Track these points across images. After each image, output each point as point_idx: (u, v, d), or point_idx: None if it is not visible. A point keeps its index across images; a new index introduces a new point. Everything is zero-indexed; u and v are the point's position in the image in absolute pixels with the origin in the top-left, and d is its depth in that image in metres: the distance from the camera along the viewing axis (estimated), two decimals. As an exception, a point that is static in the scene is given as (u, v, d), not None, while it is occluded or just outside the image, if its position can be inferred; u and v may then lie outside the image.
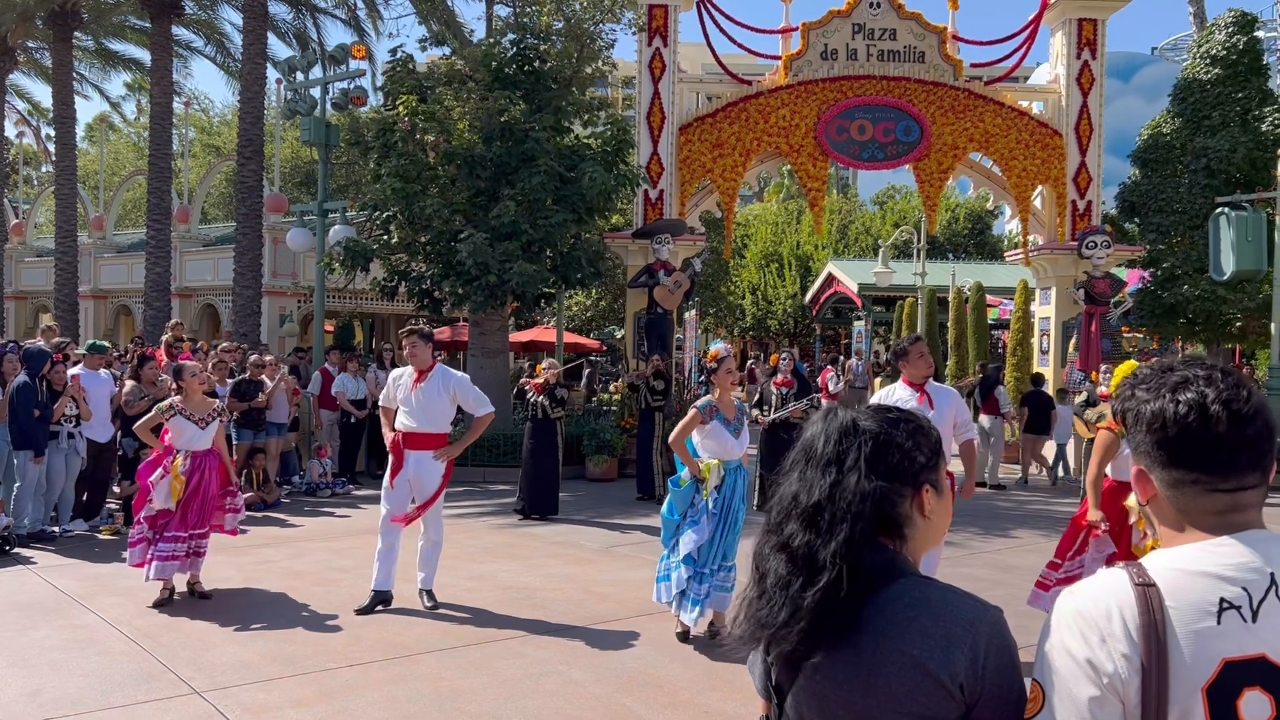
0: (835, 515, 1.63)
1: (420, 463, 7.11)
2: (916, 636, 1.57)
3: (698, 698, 5.35)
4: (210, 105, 41.14)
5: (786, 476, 1.73)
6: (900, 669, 1.56)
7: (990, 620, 1.59)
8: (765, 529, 1.72)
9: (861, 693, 1.59)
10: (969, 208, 37.17)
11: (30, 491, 9.35)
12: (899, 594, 1.61)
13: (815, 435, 1.73)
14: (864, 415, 1.73)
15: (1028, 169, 16.36)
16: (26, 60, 26.32)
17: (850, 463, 1.66)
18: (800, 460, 1.72)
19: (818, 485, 1.66)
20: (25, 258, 27.46)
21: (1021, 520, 11.15)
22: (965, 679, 1.55)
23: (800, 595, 1.60)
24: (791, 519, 1.66)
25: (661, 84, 15.96)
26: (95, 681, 5.42)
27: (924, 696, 1.56)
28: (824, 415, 1.77)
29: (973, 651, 1.56)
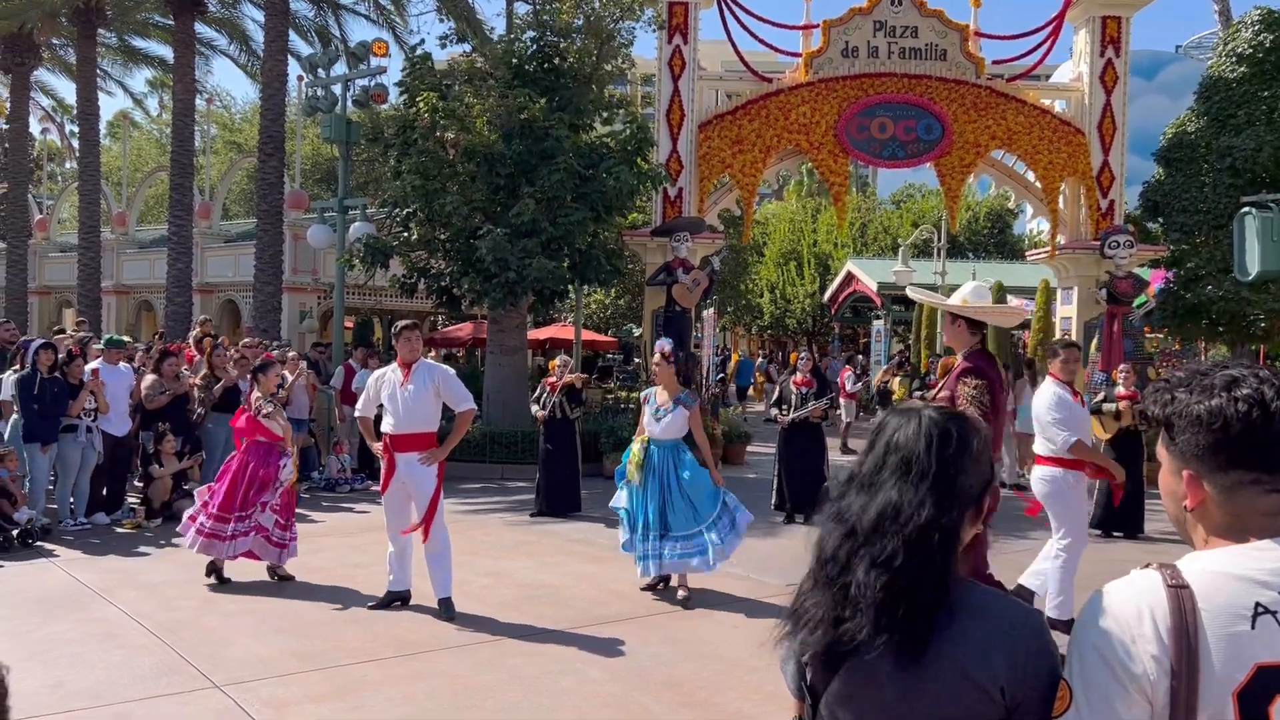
0: (945, 531, 1.58)
1: (411, 465, 6.82)
2: (959, 640, 1.55)
3: (715, 697, 5.34)
4: (232, 102, 41.47)
5: (872, 480, 1.66)
6: (940, 673, 1.55)
7: (1032, 625, 1.58)
8: (842, 535, 1.64)
9: (900, 696, 1.58)
10: (989, 207, 36.94)
11: (42, 483, 9.44)
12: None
13: (910, 438, 1.66)
14: (949, 420, 1.67)
15: (1052, 164, 16.24)
16: (51, 57, 26.55)
17: (951, 472, 1.61)
18: (894, 466, 1.65)
19: (926, 498, 1.60)
20: (49, 253, 27.70)
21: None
22: (1006, 683, 1.53)
23: (897, 612, 1.55)
24: (890, 534, 1.59)
25: (681, 81, 15.92)
26: (116, 674, 5.45)
27: (964, 701, 1.55)
28: (905, 416, 1.70)
29: (1013, 656, 1.54)
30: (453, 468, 13.70)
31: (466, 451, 13.97)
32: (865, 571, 1.58)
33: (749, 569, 8.26)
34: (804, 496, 10.68)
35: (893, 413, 1.74)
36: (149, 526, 9.83)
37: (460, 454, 13.92)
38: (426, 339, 24.92)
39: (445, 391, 6.85)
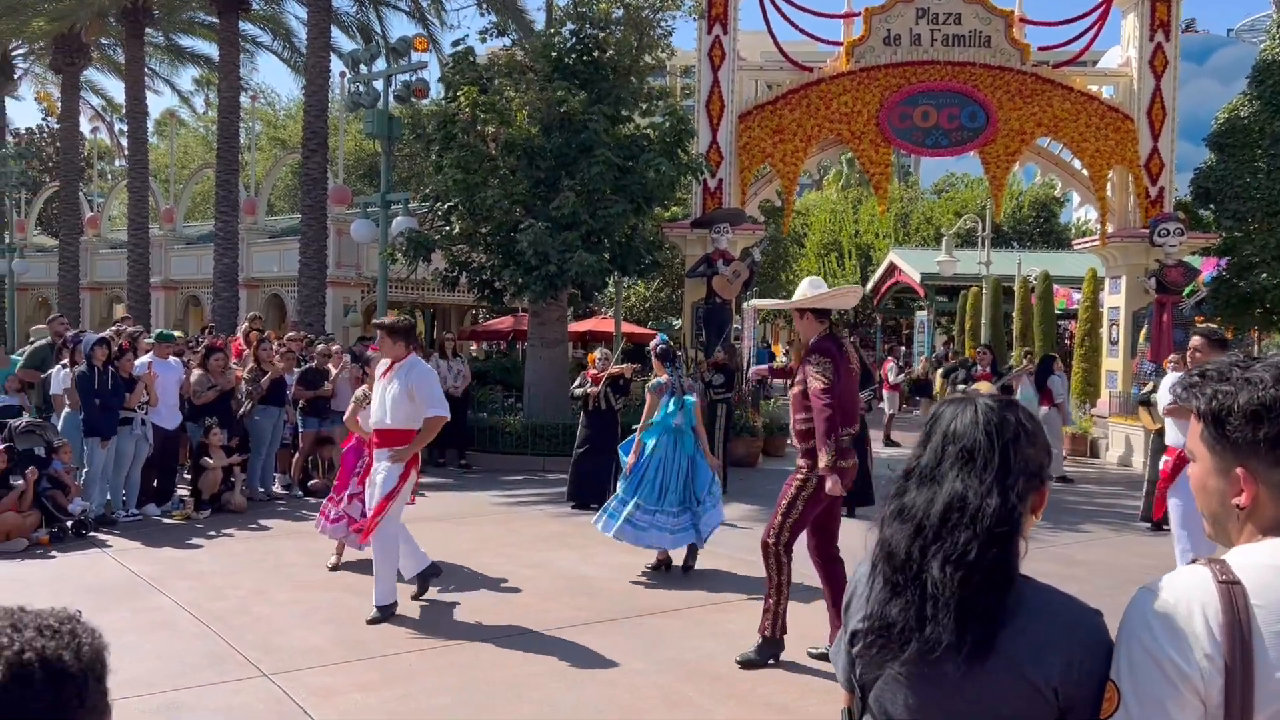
0: (1014, 523, 1.55)
1: (381, 462, 6.62)
2: (1011, 637, 1.52)
3: (757, 689, 5.32)
4: (276, 99, 41.93)
5: (934, 474, 1.62)
6: (997, 670, 1.52)
7: (1089, 624, 1.54)
8: (913, 532, 1.60)
9: (951, 692, 1.55)
10: (1034, 195, 36.43)
11: (98, 476, 9.63)
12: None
13: (969, 427, 1.62)
14: (1007, 409, 1.64)
15: (1100, 151, 15.97)
16: (100, 57, 27.03)
17: (1014, 464, 1.58)
18: (955, 456, 1.61)
19: (992, 489, 1.56)
20: (100, 250, 28.22)
21: (1090, 514, 10.92)
22: (1060, 683, 1.50)
23: (976, 608, 1.51)
24: (961, 527, 1.56)
25: (721, 72, 15.85)
26: (167, 663, 5.55)
27: (1017, 699, 1.52)
28: (960, 405, 1.66)
29: (1069, 655, 1.51)
30: (494, 460, 13.88)
31: (508, 444, 14.07)
32: (940, 569, 1.54)
33: (794, 561, 8.21)
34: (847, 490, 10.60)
35: (947, 402, 1.70)
36: (198, 518, 9.99)
37: (502, 446, 14.08)
38: (467, 332, 25.16)
39: (417, 393, 6.56)
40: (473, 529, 9.67)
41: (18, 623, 1.18)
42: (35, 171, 34.37)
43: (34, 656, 1.13)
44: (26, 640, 1.15)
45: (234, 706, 4.98)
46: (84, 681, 1.17)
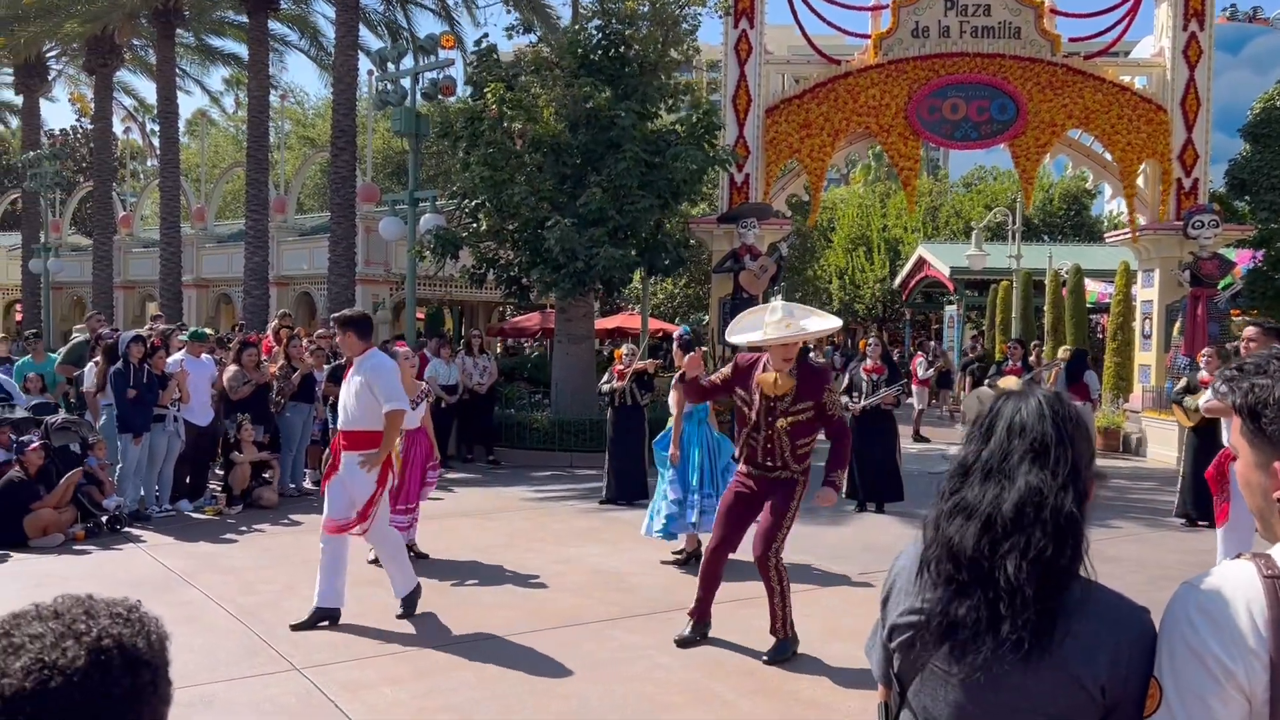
0: (1076, 517, 1.53)
1: (348, 466, 6.21)
2: (1062, 635, 1.50)
3: (786, 684, 5.31)
4: (305, 98, 42.26)
5: (1001, 468, 1.57)
6: (1041, 667, 1.50)
7: (1138, 622, 1.52)
8: (982, 527, 1.54)
9: (997, 689, 1.53)
10: (1064, 188, 36.06)
11: (131, 472, 9.75)
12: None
13: (1035, 422, 1.58)
14: (1063, 401, 1.61)
15: (1132, 143, 15.77)
16: (132, 58, 27.34)
17: (1078, 453, 1.56)
18: (1022, 449, 1.57)
19: (1068, 485, 1.54)
20: (133, 249, 28.54)
21: (1123, 510, 10.80)
22: (1107, 681, 1.47)
23: (1051, 605, 1.49)
24: (1035, 525, 1.52)
25: (748, 66, 15.79)
26: (200, 656, 5.61)
27: (1063, 696, 1.49)
28: (1020, 399, 1.63)
29: (1115, 653, 1.48)
30: (523, 455, 13.92)
31: (536, 440, 14.11)
32: (1015, 566, 1.50)
33: (819, 557, 8.20)
34: (876, 485, 10.56)
35: (1004, 396, 1.66)
36: (230, 513, 10.09)
37: (529, 442, 14.12)
38: (495, 329, 25.24)
39: (377, 389, 6.12)
40: (502, 524, 9.71)
41: (91, 610, 1.19)
42: (69, 172, 34.83)
43: (111, 643, 1.15)
44: (103, 627, 1.16)
45: (265, 700, 5.02)
46: (157, 669, 1.19)
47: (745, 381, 5.63)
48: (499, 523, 9.81)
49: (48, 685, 1.09)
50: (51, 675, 1.10)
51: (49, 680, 1.10)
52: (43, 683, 1.09)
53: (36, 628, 1.15)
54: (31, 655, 1.11)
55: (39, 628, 1.15)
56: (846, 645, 5.87)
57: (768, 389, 5.51)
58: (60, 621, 1.16)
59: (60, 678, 1.10)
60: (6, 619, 1.18)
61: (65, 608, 1.19)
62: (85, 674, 1.11)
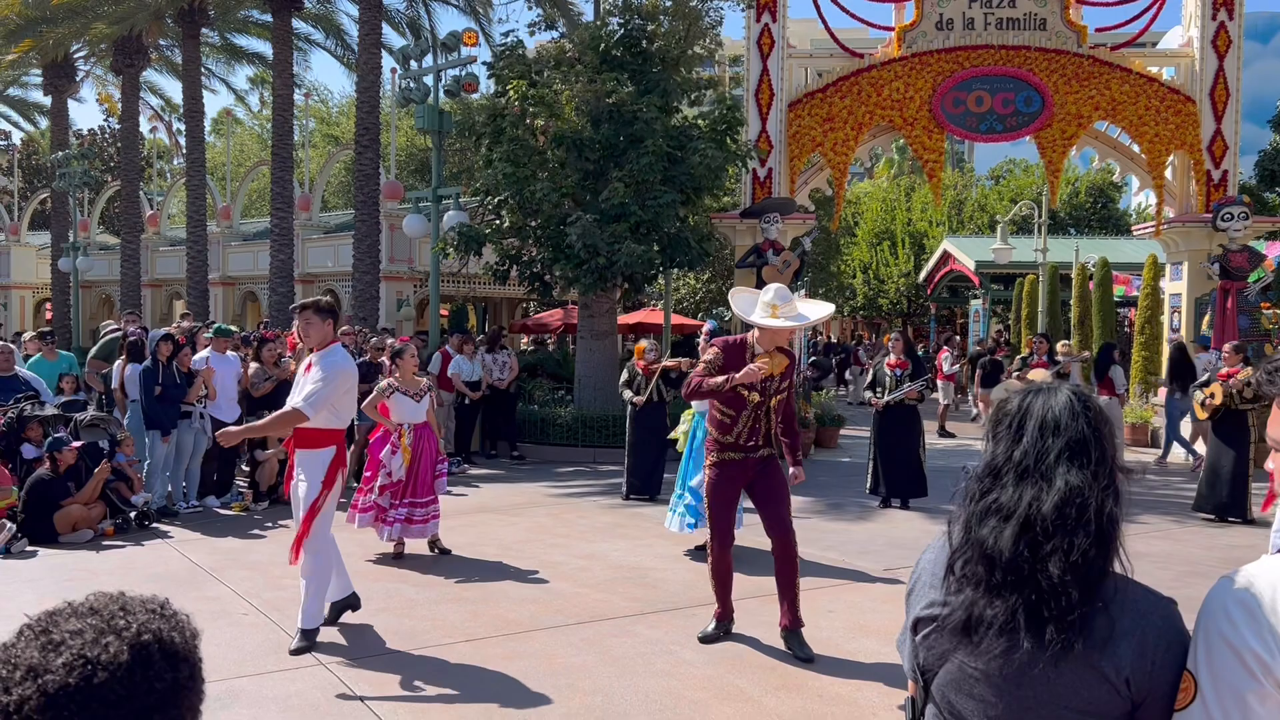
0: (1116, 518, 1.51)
1: (304, 465, 5.84)
2: (1086, 628, 1.49)
3: (811, 681, 5.29)
4: (329, 96, 42.47)
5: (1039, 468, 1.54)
6: (1066, 661, 1.48)
7: (1163, 613, 1.50)
8: (1019, 528, 1.51)
9: (1022, 684, 1.51)
10: (1091, 181, 35.70)
11: (159, 469, 9.84)
12: None
13: (1068, 420, 1.55)
14: (1085, 395, 1.59)
15: (1160, 134, 15.59)
16: (158, 58, 27.56)
17: (1110, 450, 1.54)
18: (1058, 449, 1.54)
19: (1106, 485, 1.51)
20: (160, 247, 28.81)
21: (1150, 506, 10.69)
22: (1131, 673, 1.46)
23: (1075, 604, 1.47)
24: (1078, 527, 1.49)
25: (770, 60, 15.73)
26: (227, 651, 5.65)
27: (1086, 690, 1.48)
28: (1047, 394, 1.59)
29: (1141, 645, 1.47)
30: (546, 451, 13.94)
31: (559, 435, 14.14)
32: (1061, 570, 1.48)
33: (844, 553, 8.16)
34: (899, 481, 10.49)
35: (1030, 393, 1.62)
36: (256, 509, 10.17)
37: (553, 438, 14.15)
38: (516, 325, 25.30)
39: (313, 381, 5.74)
40: (525, 520, 9.73)
41: (127, 606, 1.19)
42: (97, 171, 35.14)
43: (151, 638, 1.14)
44: (142, 622, 1.16)
45: (291, 694, 5.06)
46: (194, 663, 1.19)
47: (740, 365, 5.57)
48: (522, 518, 9.83)
49: (92, 681, 1.09)
50: (95, 670, 1.09)
51: (93, 675, 1.09)
52: (87, 678, 1.09)
53: (75, 624, 1.14)
54: (73, 651, 1.11)
55: (77, 624, 1.14)
56: (871, 641, 5.85)
57: (772, 370, 5.51)
58: (99, 617, 1.16)
59: (105, 673, 1.09)
60: (43, 617, 1.17)
61: (101, 604, 1.19)
62: (129, 669, 1.11)
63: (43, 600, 5.92)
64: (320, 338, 5.86)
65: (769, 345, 5.57)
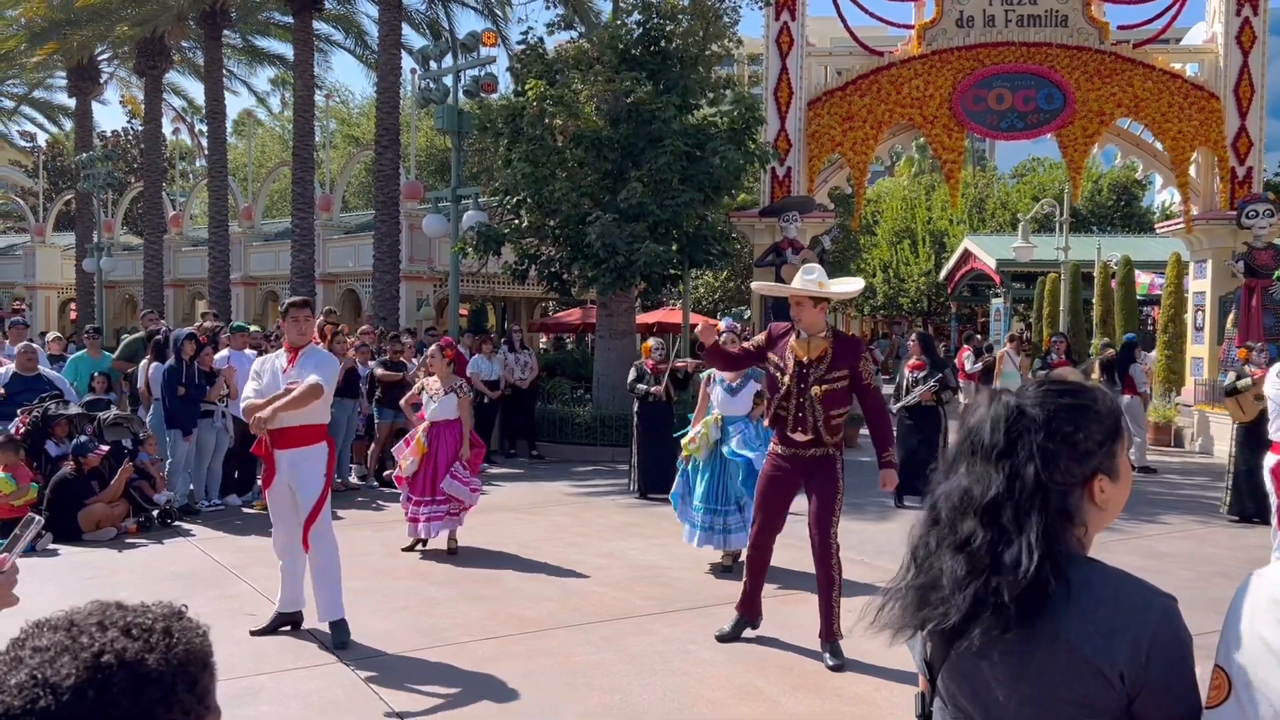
0: (1019, 510, 1.54)
1: (294, 463, 5.86)
2: (1075, 621, 1.48)
3: (829, 680, 5.27)
4: (350, 97, 42.72)
5: (953, 468, 1.64)
6: (1055, 654, 1.49)
7: (1159, 608, 1.49)
8: (929, 522, 1.64)
9: (1014, 676, 1.52)
10: (1114, 179, 35.43)
11: (181, 467, 9.92)
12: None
13: (980, 423, 1.63)
14: (1030, 399, 1.62)
15: (1183, 131, 15.45)
16: (181, 60, 27.79)
17: (1023, 454, 1.57)
18: (967, 451, 1.63)
19: (993, 480, 1.57)
20: (182, 247, 29.04)
21: (1173, 506, 10.60)
22: (1126, 668, 1.45)
23: (983, 594, 1.52)
24: (967, 516, 1.58)
25: (789, 59, 15.70)
26: (246, 648, 5.69)
27: (1079, 684, 1.48)
28: (989, 400, 1.67)
29: (1136, 641, 1.46)
30: (563, 450, 13.97)
31: (577, 434, 14.16)
32: (952, 557, 1.57)
33: (864, 553, 8.13)
34: (913, 479, 10.41)
35: (985, 398, 1.69)
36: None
37: (571, 437, 14.17)
38: (535, 324, 25.36)
39: (311, 366, 5.84)
40: (544, 519, 9.75)
41: (105, 620, 1.11)
42: (121, 173, 35.48)
43: (113, 658, 1.06)
44: (108, 641, 1.08)
45: (311, 691, 5.09)
46: (170, 685, 1.09)
47: (778, 347, 5.53)
48: (541, 517, 9.85)
49: (36, 704, 1.02)
50: (41, 693, 1.02)
51: (38, 699, 1.02)
52: (32, 700, 1.02)
53: (45, 639, 1.08)
54: (28, 670, 1.04)
55: (47, 640, 1.08)
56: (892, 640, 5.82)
57: (800, 353, 5.42)
58: (69, 634, 1.09)
59: (49, 696, 1.02)
60: (29, 627, 1.12)
61: (82, 617, 1.12)
62: (78, 692, 1.03)
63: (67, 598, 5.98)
64: (308, 338, 6.02)
65: (808, 328, 5.45)
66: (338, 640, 5.74)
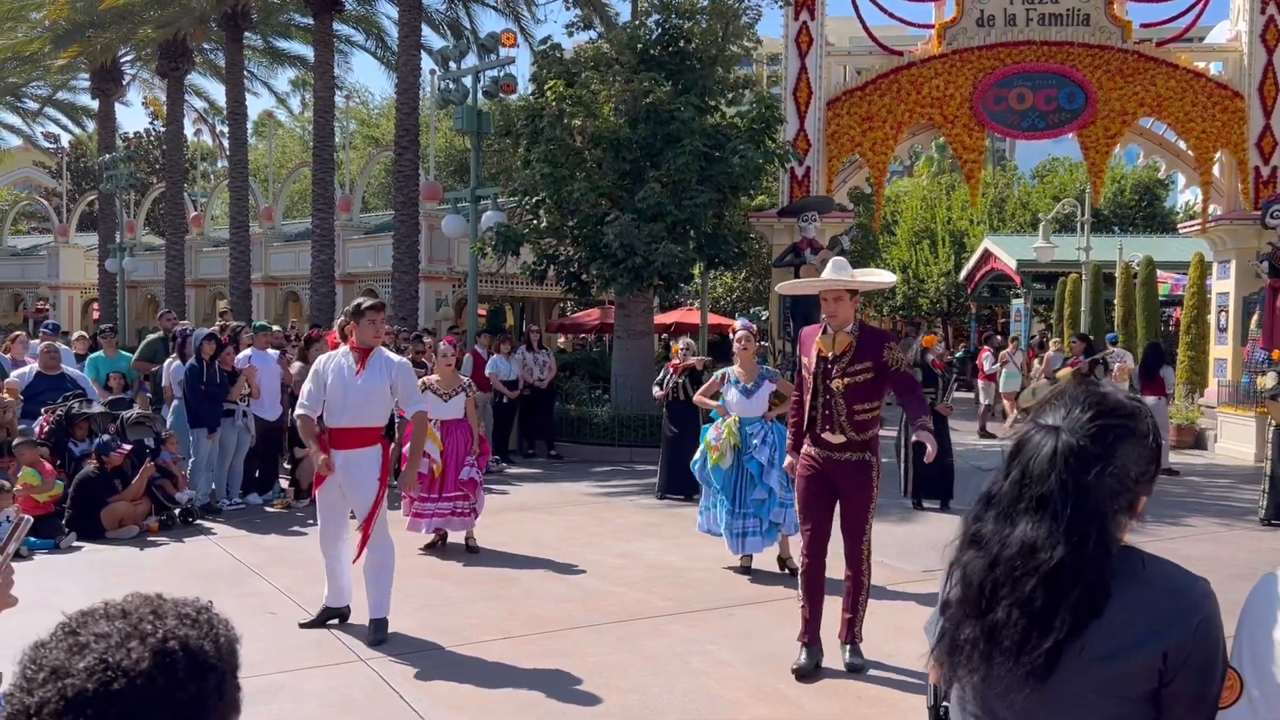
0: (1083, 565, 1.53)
1: (350, 465, 5.92)
2: (1117, 608, 1.49)
3: (849, 682, 5.26)
4: (369, 98, 42.90)
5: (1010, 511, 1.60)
6: (1093, 637, 1.49)
7: (1200, 590, 1.50)
8: (986, 565, 1.60)
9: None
10: (1136, 178, 35.12)
11: (203, 466, 9.98)
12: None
13: (1043, 470, 1.59)
14: (1081, 432, 1.59)
15: (1207, 131, 15.31)
16: (202, 61, 27.95)
17: (1092, 503, 1.55)
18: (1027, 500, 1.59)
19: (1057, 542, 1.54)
20: (203, 248, 29.21)
21: (1197, 508, 10.51)
22: (1170, 649, 1.46)
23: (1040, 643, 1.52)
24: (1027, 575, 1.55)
25: (808, 58, 15.65)
26: (267, 646, 5.72)
27: (1121, 668, 1.48)
28: (1043, 436, 1.62)
29: (1180, 622, 1.47)
30: (582, 450, 13.97)
31: (595, 435, 14.16)
32: (1006, 612, 1.55)
33: (884, 555, 8.07)
34: (928, 482, 10.39)
35: (1035, 429, 1.65)
36: (298, 506, 10.27)
37: (589, 437, 14.17)
38: (554, 324, 25.38)
39: (401, 389, 6.03)
40: (562, 519, 9.76)
41: (158, 610, 1.15)
42: (143, 174, 35.76)
43: (177, 645, 1.10)
44: (170, 628, 1.12)
45: (332, 689, 5.11)
46: (223, 673, 1.14)
47: (806, 349, 5.49)
48: (560, 517, 9.86)
49: (110, 687, 1.06)
50: (114, 677, 1.06)
51: (111, 682, 1.06)
52: (105, 684, 1.06)
53: (103, 626, 1.11)
54: (96, 655, 1.08)
55: (105, 627, 1.11)
56: (910, 643, 5.79)
57: (824, 349, 5.34)
58: (127, 621, 1.12)
59: (124, 679, 1.06)
60: (75, 616, 1.15)
61: (133, 607, 1.15)
62: (149, 676, 1.07)
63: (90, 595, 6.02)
64: (379, 339, 6.13)
65: (841, 323, 5.33)
66: (378, 637, 5.80)
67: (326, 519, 6.13)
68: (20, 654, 1.13)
